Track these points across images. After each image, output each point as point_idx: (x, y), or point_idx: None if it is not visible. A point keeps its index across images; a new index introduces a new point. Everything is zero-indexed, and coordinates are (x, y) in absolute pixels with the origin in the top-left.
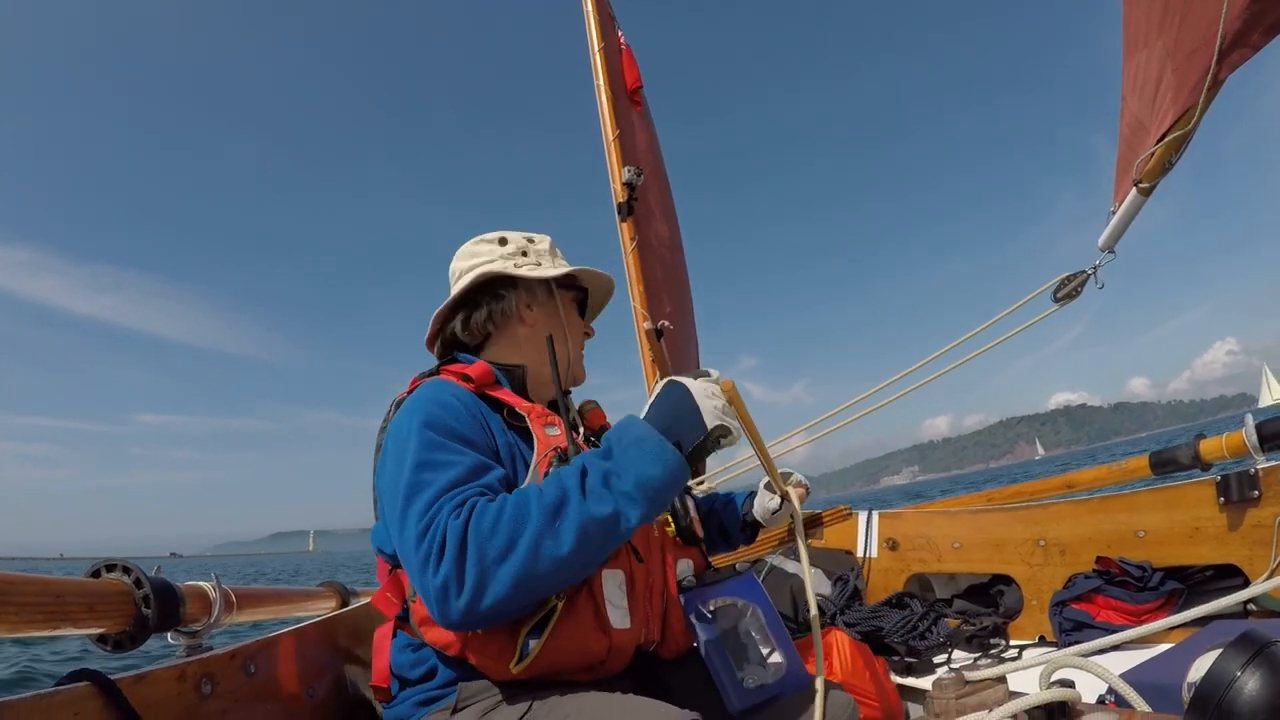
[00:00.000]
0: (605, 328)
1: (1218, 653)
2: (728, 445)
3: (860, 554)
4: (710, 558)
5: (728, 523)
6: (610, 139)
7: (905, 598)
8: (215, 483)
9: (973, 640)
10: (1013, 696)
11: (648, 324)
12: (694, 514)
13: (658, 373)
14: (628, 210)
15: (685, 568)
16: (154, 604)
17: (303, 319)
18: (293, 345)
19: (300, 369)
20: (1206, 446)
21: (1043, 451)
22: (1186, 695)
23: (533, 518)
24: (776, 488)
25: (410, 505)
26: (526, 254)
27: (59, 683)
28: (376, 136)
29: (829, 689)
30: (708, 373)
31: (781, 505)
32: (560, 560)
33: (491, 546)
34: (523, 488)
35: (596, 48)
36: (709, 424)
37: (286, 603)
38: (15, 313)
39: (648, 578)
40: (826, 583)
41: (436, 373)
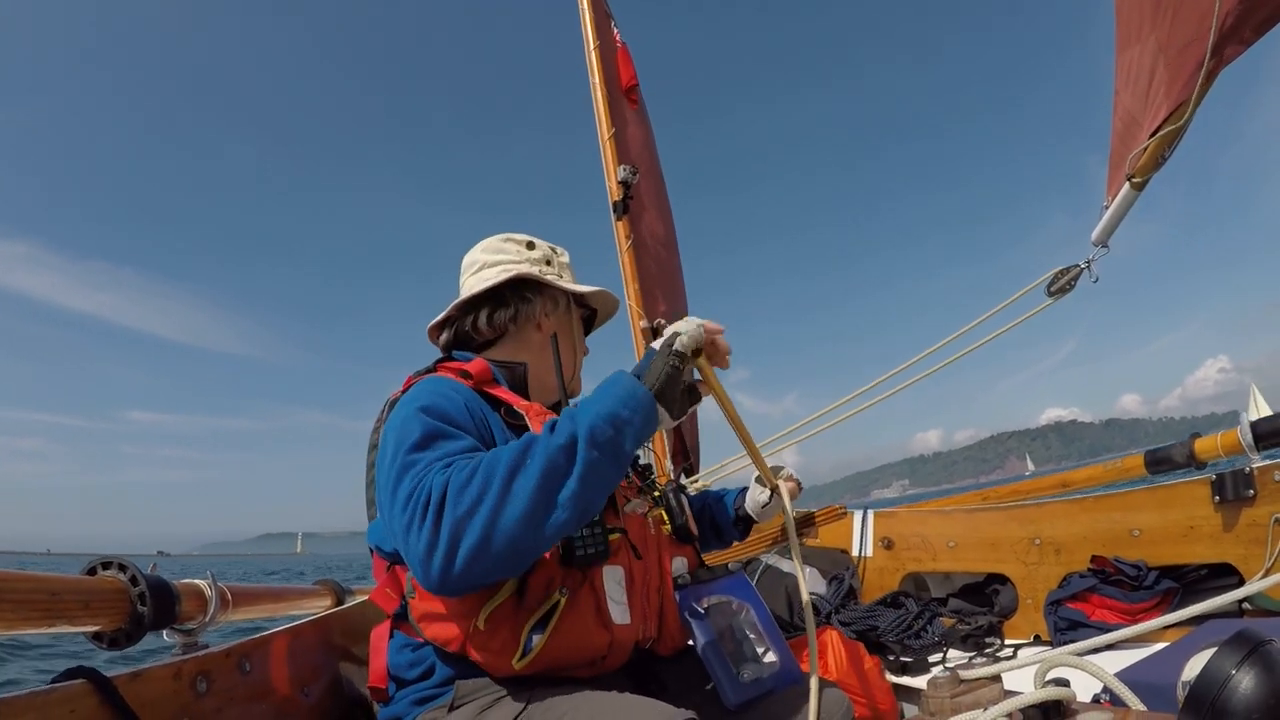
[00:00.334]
0: (600, 332)
1: (1212, 651)
2: (683, 346)
3: (856, 553)
4: (705, 555)
5: (720, 519)
6: (605, 137)
7: (900, 597)
8: (204, 482)
9: (968, 639)
10: (1008, 695)
11: (643, 322)
12: (688, 512)
13: None
14: (623, 209)
15: (680, 565)
16: (150, 602)
17: (297, 318)
18: (285, 345)
19: (292, 369)
20: (1201, 445)
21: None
22: (1181, 694)
23: (503, 461)
24: (766, 481)
25: (402, 479)
26: (550, 263)
27: (55, 680)
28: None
29: (823, 686)
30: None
31: (771, 498)
32: (529, 498)
33: (465, 498)
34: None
35: (592, 45)
36: (674, 346)
37: (282, 601)
38: (10, 307)
39: (645, 575)
40: (822, 582)
41: (433, 370)
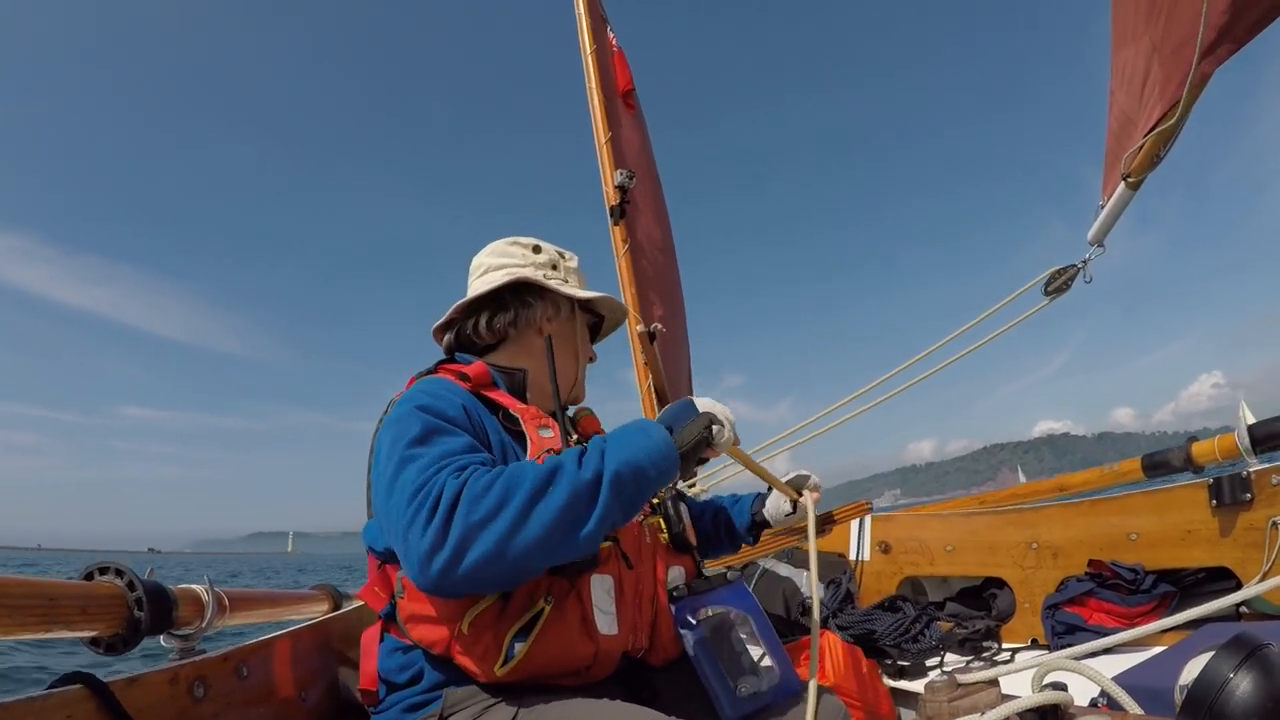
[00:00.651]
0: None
1: (1210, 655)
2: (718, 438)
3: (853, 557)
4: (707, 560)
5: (736, 523)
6: (602, 141)
7: (898, 601)
8: (196, 480)
9: (965, 643)
10: (1005, 699)
11: (640, 327)
12: (686, 520)
13: (649, 376)
14: (620, 213)
15: (676, 575)
16: (147, 607)
17: (293, 318)
18: (280, 344)
19: (288, 369)
20: (1199, 449)
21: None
22: (1179, 698)
23: (527, 481)
24: (787, 495)
25: (401, 472)
26: (556, 268)
27: (51, 685)
28: (374, 136)
29: (821, 694)
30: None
31: (795, 509)
32: (546, 526)
33: (481, 507)
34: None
35: (588, 50)
36: (700, 409)
37: (279, 605)
38: (4, 300)
39: (637, 584)
40: (819, 585)
41: (434, 371)
